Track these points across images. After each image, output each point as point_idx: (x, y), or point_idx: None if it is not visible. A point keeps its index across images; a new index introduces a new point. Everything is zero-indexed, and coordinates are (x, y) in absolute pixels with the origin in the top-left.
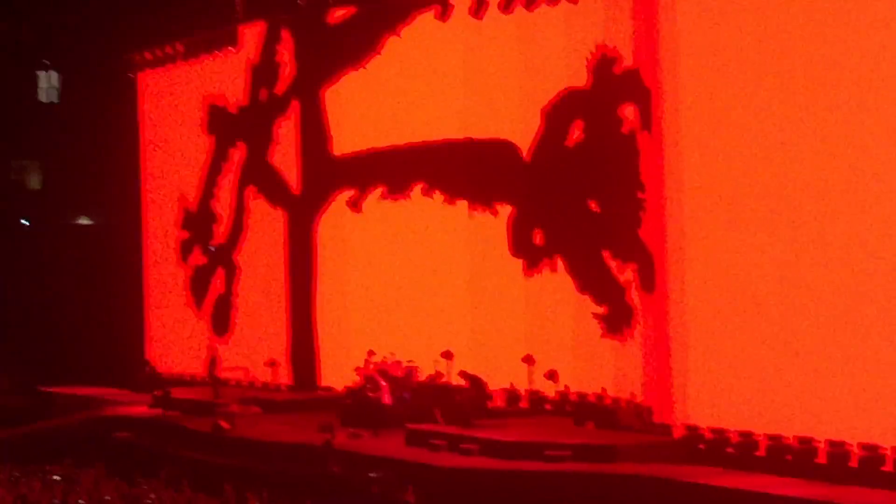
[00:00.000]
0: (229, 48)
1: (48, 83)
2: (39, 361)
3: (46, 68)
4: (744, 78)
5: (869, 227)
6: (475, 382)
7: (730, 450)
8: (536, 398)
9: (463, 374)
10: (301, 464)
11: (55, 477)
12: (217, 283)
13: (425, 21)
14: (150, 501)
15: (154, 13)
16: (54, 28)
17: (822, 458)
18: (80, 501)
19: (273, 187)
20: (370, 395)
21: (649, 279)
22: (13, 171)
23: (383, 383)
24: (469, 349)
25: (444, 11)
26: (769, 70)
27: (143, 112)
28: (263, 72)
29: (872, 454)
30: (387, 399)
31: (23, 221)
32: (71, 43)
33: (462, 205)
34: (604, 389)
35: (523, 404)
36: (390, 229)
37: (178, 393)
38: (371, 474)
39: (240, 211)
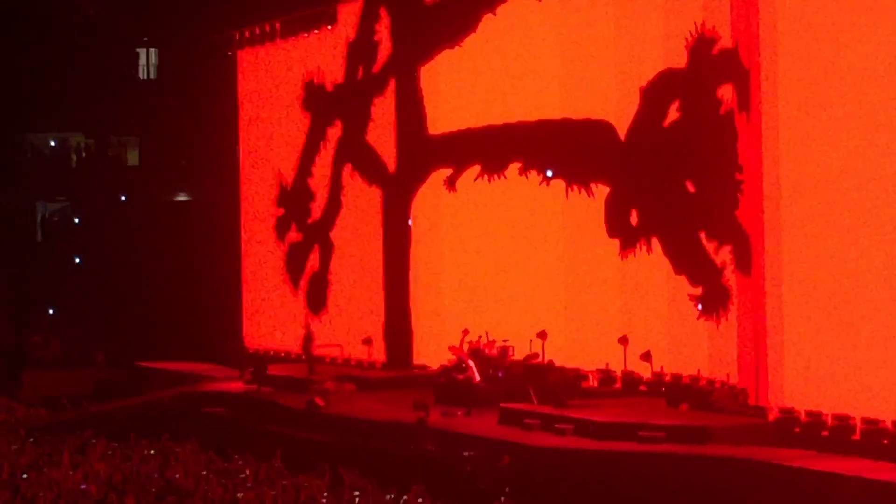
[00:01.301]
0: (327, 26)
1: (147, 60)
2: (136, 337)
3: (146, 45)
4: (844, 58)
5: None
6: None
7: (825, 433)
8: (631, 379)
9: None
10: (394, 441)
11: (151, 451)
12: (313, 261)
13: None
14: (244, 476)
15: None
16: (154, 5)
17: None
18: (175, 475)
19: (369, 165)
20: (458, 376)
21: (746, 260)
22: (112, 148)
23: (470, 363)
24: (564, 329)
25: None
26: (870, 50)
27: (241, 89)
28: (360, 50)
29: None
30: (476, 379)
31: (121, 197)
32: (170, 20)
33: (558, 184)
34: (699, 371)
35: (618, 385)
36: (485, 208)
37: (273, 369)
38: (464, 453)
39: (336, 188)
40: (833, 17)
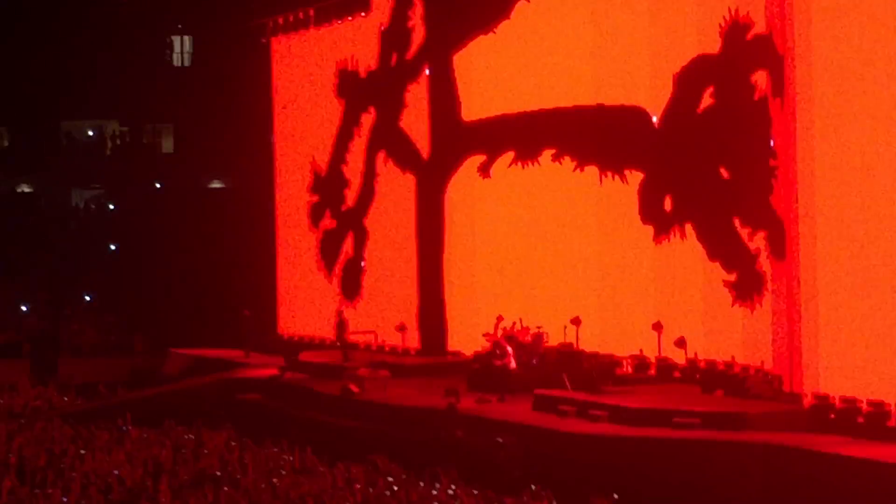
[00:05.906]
0: (360, 13)
1: (181, 48)
2: (171, 323)
3: (180, 33)
4: (878, 43)
5: None
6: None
7: (860, 420)
8: (665, 365)
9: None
10: (428, 428)
11: (186, 437)
12: (347, 248)
13: None
14: (284, 462)
15: None
16: None
17: None
18: (210, 462)
19: (403, 152)
20: (496, 362)
21: (780, 246)
22: (147, 135)
23: (509, 349)
24: (597, 316)
25: None
26: None
27: (275, 76)
28: (394, 36)
29: None
30: (513, 365)
31: (156, 185)
32: (204, 8)
33: (592, 170)
34: (733, 357)
35: (652, 371)
36: (519, 195)
37: (307, 356)
38: (498, 439)
39: (370, 175)
40: (867, 3)
